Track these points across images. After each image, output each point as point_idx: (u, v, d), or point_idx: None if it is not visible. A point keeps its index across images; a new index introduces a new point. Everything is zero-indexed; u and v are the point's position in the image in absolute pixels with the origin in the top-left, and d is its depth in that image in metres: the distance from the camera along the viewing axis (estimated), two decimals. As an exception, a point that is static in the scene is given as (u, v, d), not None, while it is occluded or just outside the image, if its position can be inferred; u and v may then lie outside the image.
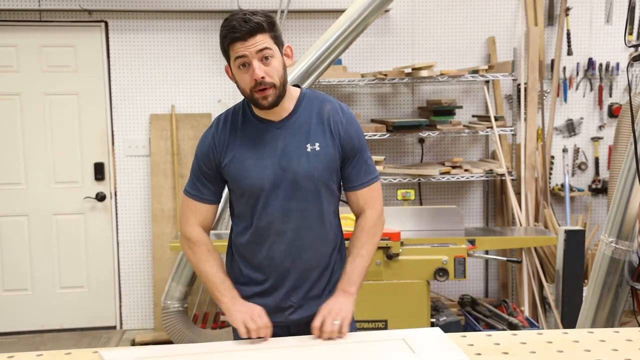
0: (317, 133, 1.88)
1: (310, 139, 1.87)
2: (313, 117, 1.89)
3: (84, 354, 1.70)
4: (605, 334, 1.81)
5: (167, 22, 4.53)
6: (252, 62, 1.76)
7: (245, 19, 1.74)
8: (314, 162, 1.86)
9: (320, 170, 1.87)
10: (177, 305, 4.10)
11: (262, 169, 1.84)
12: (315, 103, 1.92)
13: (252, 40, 1.75)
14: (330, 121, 1.90)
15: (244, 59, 1.76)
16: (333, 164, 1.89)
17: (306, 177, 1.85)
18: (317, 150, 1.86)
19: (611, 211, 2.63)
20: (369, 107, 4.72)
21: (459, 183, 4.76)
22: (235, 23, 1.74)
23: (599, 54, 4.75)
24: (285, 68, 1.84)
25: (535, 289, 4.36)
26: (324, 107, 1.92)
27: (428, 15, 4.68)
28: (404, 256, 3.41)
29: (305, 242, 1.90)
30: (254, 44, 1.75)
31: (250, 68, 1.77)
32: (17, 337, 4.57)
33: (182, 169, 4.53)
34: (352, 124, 1.92)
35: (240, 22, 1.74)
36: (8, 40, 4.44)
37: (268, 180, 1.84)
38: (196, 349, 1.73)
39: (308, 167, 1.85)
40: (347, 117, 1.92)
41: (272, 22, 1.79)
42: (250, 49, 1.75)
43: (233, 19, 1.76)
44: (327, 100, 1.94)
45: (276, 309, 1.92)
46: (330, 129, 1.89)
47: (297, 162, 1.85)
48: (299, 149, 1.86)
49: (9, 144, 4.51)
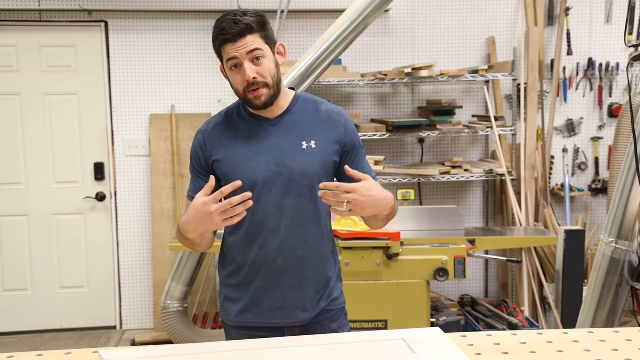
0: (314, 131, 1.89)
1: (306, 136, 1.88)
2: (309, 116, 1.91)
3: (84, 354, 1.70)
4: (605, 334, 1.81)
5: (167, 22, 4.53)
6: (243, 63, 1.77)
7: (235, 20, 1.76)
8: (310, 159, 1.86)
9: (316, 167, 1.87)
10: (177, 305, 4.10)
11: (256, 165, 1.84)
12: (310, 104, 1.94)
13: (242, 42, 1.76)
14: (330, 120, 1.91)
15: (236, 61, 1.77)
16: (328, 164, 1.90)
17: (301, 173, 1.85)
18: (313, 148, 1.87)
19: (611, 211, 2.63)
20: (369, 107, 4.72)
21: (459, 183, 4.76)
22: (225, 25, 1.76)
23: (599, 54, 4.75)
24: (278, 67, 1.85)
25: (535, 289, 4.36)
26: (320, 107, 1.94)
27: (428, 15, 4.68)
28: (404, 256, 3.41)
29: (299, 240, 1.89)
30: (244, 46, 1.76)
31: (242, 69, 1.78)
32: (17, 337, 4.57)
33: (182, 169, 4.53)
34: (350, 123, 1.96)
35: (230, 23, 1.75)
36: (8, 40, 4.44)
37: (262, 176, 1.84)
38: (196, 349, 1.73)
39: (303, 163, 1.85)
40: (345, 116, 1.96)
41: (262, 22, 1.79)
42: (240, 51, 1.76)
43: (224, 21, 1.78)
44: (322, 102, 1.97)
45: (270, 310, 1.91)
46: (330, 128, 1.90)
47: (292, 159, 1.85)
48: (294, 146, 1.86)
49: (9, 144, 4.51)
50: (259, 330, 1.93)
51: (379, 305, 3.40)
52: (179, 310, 4.11)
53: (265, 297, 1.91)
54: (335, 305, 2.00)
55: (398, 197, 3.94)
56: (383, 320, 3.40)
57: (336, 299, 2.00)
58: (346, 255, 3.37)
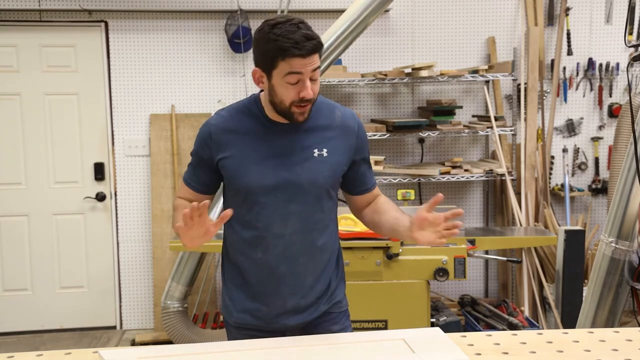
0: (327, 138, 1.86)
1: (318, 143, 1.85)
2: (323, 122, 1.87)
3: (84, 354, 1.70)
4: (605, 334, 1.81)
5: (167, 22, 4.53)
6: (305, 79, 1.72)
7: (307, 36, 1.68)
8: (320, 167, 1.84)
9: (325, 177, 1.85)
10: (177, 305, 4.10)
11: (264, 169, 1.81)
12: (324, 109, 1.90)
13: (311, 59, 1.71)
14: (344, 126, 1.89)
15: (298, 76, 1.71)
16: (338, 172, 1.88)
17: (310, 182, 1.83)
18: (324, 156, 1.84)
19: (611, 211, 2.63)
20: (369, 107, 4.72)
21: (459, 183, 4.76)
22: (298, 38, 1.67)
23: (599, 54, 4.75)
24: None
25: (535, 289, 4.36)
26: (334, 112, 1.91)
27: (428, 15, 4.68)
28: (404, 256, 3.41)
29: (303, 248, 1.87)
30: (311, 63, 1.71)
31: (299, 84, 1.73)
32: (17, 337, 4.56)
33: (182, 169, 4.53)
34: (362, 130, 1.94)
35: (302, 37, 1.67)
36: (8, 40, 4.44)
37: (269, 182, 1.81)
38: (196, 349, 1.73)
39: (313, 172, 1.83)
40: (358, 122, 1.94)
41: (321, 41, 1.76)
42: (307, 67, 1.71)
43: (290, 31, 1.68)
44: (337, 107, 1.93)
45: (271, 314, 1.90)
46: (343, 135, 1.88)
47: (302, 167, 1.82)
48: (305, 153, 1.83)
49: (9, 144, 4.51)
50: (259, 331, 1.92)
51: (379, 305, 3.39)
52: (179, 310, 4.11)
53: (266, 301, 1.90)
54: (337, 308, 1.99)
55: (398, 197, 3.94)
56: (383, 320, 3.40)
57: (338, 302, 1.99)
58: (346, 255, 3.34)
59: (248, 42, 4.40)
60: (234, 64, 4.54)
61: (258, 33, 1.74)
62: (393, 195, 4.49)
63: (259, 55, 1.75)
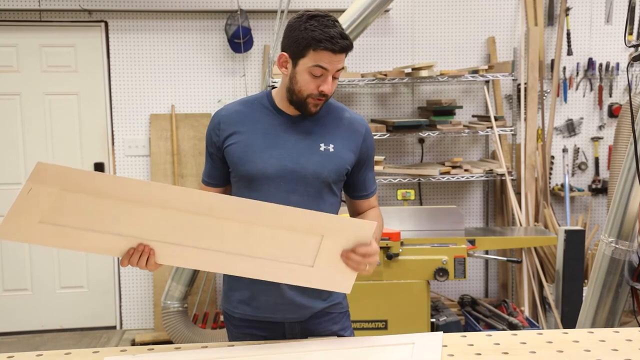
0: (334, 135, 1.88)
1: (325, 139, 1.87)
2: (331, 121, 1.91)
3: (84, 354, 1.69)
4: (605, 334, 1.81)
5: (167, 22, 4.53)
6: (328, 75, 1.77)
7: (342, 35, 1.74)
8: (325, 162, 1.85)
9: (329, 171, 1.86)
10: (177, 305, 4.10)
11: (268, 157, 1.83)
12: (333, 108, 1.94)
13: (339, 57, 1.76)
14: (352, 128, 1.92)
15: (323, 70, 1.76)
16: (342, 170, 1.89)
17: (314, 174, 1.84)
18: (330, 152, 1.86)
19: (611, 211, 2.63)
20: (369, 107, 4.72)
21: (459, 183, 4.76)
22: (335, 33, 1.73)
23: (599, 54, 4.75)
24: None
25: (535, 289, 4.36)
26: (343, 113, 1.94)
27: (428, 15, 4.68)
28: (404, 256, 3.41)
29: None
30: (339, 61, 1.77)
31: (322, 78, 1.77)
32: (17, 337, 4.57)
33: (182, 169, 4.53)
34: (370, 135, 1.96)
35: (338, 34, 1.73)
36: (8, 40, 4.45)
37: (272, 169, 1.83)
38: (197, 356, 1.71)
39: (317, 165, 1.84)
40: (367, 128, 1.96)
41: None
42: (334, 64, 1.76)
43: (330, 26, 1.74)
44: (346, 110, 1.97)
45: (269, 306, 1.91)
46: (351, 136, 1.90)
47: (307, 159, 1.84)
48: (312, 147, 1.86)
49: (9, 144, 4.51)
50: (258, 325, 1.92)
51: (379, 305, 3.40)
52: (179, 310, 4.11)
53: (264, 292, 1.90)
54: (338, 309, 1.99)
55: (398, 197, 3.94)
56: (383, 320, 3.40)
57: (339, 303, 1.99)
58: (346, 255, 3.36)
59: (248, 42, 4.40)
60: (234, 64, 4.54)
61: (295, 20, 1.79)
62: (393, 195, 4.50)
63: (291, 40, 1.79)
